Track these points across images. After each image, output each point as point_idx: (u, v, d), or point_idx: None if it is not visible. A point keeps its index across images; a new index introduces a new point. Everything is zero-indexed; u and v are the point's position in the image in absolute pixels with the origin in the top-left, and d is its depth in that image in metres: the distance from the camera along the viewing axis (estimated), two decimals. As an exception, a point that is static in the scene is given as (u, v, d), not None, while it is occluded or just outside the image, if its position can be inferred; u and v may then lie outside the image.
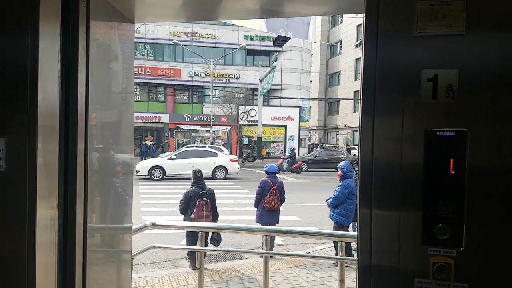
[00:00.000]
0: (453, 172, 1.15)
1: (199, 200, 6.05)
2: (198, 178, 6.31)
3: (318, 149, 29.90)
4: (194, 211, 6.00)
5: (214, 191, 6.34)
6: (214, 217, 6.18)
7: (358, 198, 1.26)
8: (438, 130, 1.16)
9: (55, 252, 1.48)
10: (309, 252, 7.06)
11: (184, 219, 6.16)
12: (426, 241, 1.17)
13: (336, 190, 6.28)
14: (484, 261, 1.15)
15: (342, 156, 23.77)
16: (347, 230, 6.26)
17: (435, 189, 1.16)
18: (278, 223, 6.82)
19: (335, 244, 5.90)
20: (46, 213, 1.42)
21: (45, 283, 1.43)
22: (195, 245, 4.28)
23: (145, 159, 27.10)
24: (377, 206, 1.23)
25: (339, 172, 6.38)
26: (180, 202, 6.23)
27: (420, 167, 1.17)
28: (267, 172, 7.06)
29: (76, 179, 1.54)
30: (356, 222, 6.64)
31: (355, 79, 39.15)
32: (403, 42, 1.20)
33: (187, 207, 6.15)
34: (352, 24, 38.72)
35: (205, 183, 6.35)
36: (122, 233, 2.03)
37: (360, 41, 36.87)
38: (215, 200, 6.27)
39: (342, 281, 3.30)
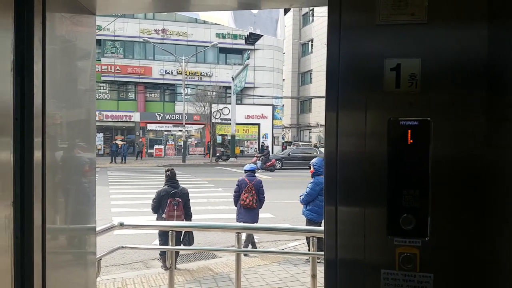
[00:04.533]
0: (417, 161, 1.15)
1: (170, 200, 5.94)
2: (168, 176, 6.20)
3: (292, 147, 30.09)
4: (165, 210, 5.90)
5: (188, 190, 6.25)
6: (187, 217, 6.08)
7: (324, 194, 1.23)
8: (402, 120, 1.15)
9: (10, 254, 1.39)
10: (283, 249, 7.07)
11: (157, 219, 6.04)
12: (391, 232, 1.16)
13: (308, 187, 6.32)
14: (449, 250, 1.14)
15: (315, 153, 24.00)
16: (320, 226, 6.31)
17: (399, 179, 1.16)
18: (257, 222, 6.82)
19: (308, 240, 5.92)
20: None
21: None
22: (167, 245, 4.19)
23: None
24: (342, 200, 1.21)
25: (312, 169, 6.42)
26: (152, 201, 6.10)
27: (384, 157, 1.17)
28: (245, 171, 7.24)
29: (32, 177, 1.45)
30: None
31: (327, 77, 39.61)
32: (365, 32, 1.18)
33: (159, 206, 6.02)
34: (323, 23, 39.16)
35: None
36: (85, 234, 1.94)
37: (331, 40, 37.59)
38: (189, 200, 6.17)
39: (314, 276, 3.31)
